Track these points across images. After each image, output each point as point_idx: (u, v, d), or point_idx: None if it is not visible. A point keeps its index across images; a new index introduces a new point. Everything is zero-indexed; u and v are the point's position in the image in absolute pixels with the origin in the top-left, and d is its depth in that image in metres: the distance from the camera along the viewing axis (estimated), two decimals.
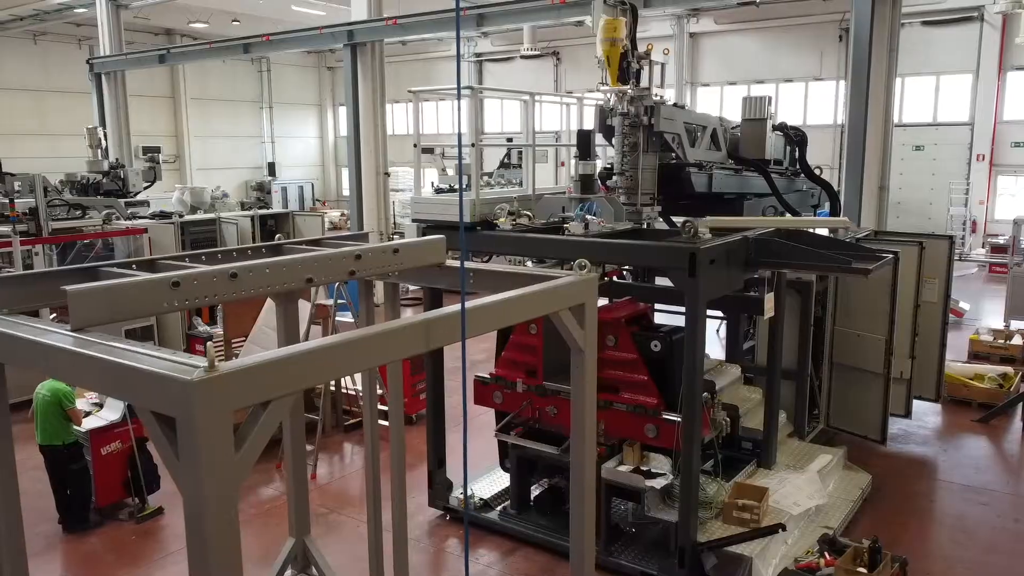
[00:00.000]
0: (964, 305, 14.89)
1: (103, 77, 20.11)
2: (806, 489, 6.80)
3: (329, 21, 18.47)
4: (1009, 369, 10.49)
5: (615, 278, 8.22)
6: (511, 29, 24.90)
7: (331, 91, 35.88)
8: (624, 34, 6.55)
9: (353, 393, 9.69)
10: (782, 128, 8.89)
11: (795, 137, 9.11)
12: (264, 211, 14.50)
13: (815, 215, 9.80)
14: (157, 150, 25.69)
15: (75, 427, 7.12)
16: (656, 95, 6.79)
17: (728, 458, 7.45)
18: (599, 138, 7.21)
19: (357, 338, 2.97)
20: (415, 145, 6.68)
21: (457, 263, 4.83)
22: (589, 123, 7.69)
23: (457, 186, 8.36)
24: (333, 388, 9.52)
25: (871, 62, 10.56)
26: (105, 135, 18.44)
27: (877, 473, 7.94)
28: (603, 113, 7.06)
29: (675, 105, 7.15)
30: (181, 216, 12.61)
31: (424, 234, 6.73)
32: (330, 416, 9.45)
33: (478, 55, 31.22)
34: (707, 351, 9.42)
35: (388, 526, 4.98)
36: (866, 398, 8.16)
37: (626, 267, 8.60)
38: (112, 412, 7.57)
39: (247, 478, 2.57)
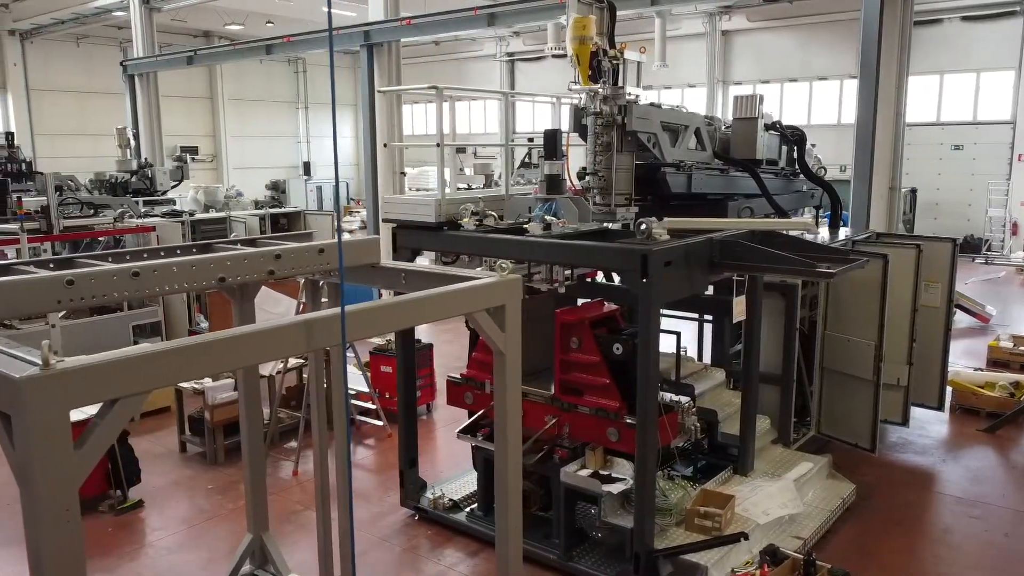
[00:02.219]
0: (991, 310, 14.36)
1: (136, 78, 20.60)
2: (779, 498, 6.62)
3: (358, 21, 18.62)
4: (1022, 377, 10.06)
5: (594, 279, 8.09)
6: (524, 29, 24.77)
7: None
8: (594, 32, 6.47)
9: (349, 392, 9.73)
10: (776, 127, 8.68)
11: (792, 136, 8.89)
12: (275, 210, 14.71)
13: (819, 216, 9.56)
14: (194, 150, 26.26)
15: None
16: (630, 94, 6.70)
17: (711, 464, 7.33)
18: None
19: (223, 338, 2.96)
20: (384, 145, 6.68)
21: (393, 263, 4.85)
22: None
23: (472, 185, 8.39)
24: (327, 386, 9.56)
25: (880, 60, 10.25)
26: (135, 135, 18.93)
27: (868, 483, 7.71)
28: (577, 112, 6.99)
29: (652, 104, 7.04)
30: (192, 214, 12.87)
31: (394, 234, 6.76)
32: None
33: (510, 54, 31.23)
34: (696, 355, 9.31)
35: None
36: (856, 405, 7.92)
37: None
38: (92, 405, 7.73)
39: (86, 476, 2.59)
